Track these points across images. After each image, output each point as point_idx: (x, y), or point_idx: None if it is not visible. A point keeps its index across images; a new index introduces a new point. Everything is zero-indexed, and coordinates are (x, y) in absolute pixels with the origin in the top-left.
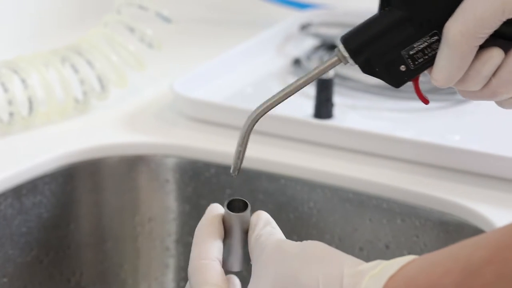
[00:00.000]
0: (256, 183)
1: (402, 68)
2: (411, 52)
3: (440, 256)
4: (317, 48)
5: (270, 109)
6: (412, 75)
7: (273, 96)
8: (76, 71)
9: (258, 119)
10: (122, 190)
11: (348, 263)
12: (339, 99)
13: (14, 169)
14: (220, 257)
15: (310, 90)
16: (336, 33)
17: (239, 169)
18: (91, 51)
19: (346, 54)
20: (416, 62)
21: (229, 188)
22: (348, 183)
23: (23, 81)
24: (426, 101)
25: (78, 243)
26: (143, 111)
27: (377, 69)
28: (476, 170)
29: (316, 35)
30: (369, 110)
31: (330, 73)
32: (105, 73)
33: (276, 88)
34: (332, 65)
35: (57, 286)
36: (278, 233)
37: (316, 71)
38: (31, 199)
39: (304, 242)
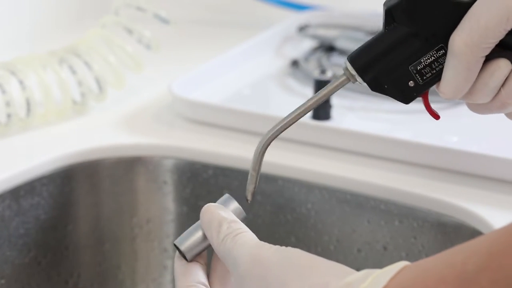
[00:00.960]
0: None
1: (411, 83)
2: (418, 67)
3: (434, 263)
4: (315, 50)
5: (280, 133)
6: (421, 90)
7: (283, 119)
8: (74, 72)
9: (269, 143)
10: (120, 191)
11: (334, 273)
12: (337, 101)
13: (12, 171)
14: (206, 280)
15: (308, 91)
16: (334, 35)
17: (253, 194)
18: (89, 52)
19: (354, 73)
20: (424, 77)
21: (227, 189)
22: (346, 184)
23: (21, 82)
24: (436, 117)
25: (76, 245)
26: (141, 112)
27: (385, 86)
28: (474, 171)
29: (314, 37)
30: (367, 112)
31: (328, 74)
32: (103, 75)
33: (274, 89)
34: (341, 85)
35: (55, 287)
36: (242, 229)
37: (325, 91)
38: (29, 200)
39: (282, 250)
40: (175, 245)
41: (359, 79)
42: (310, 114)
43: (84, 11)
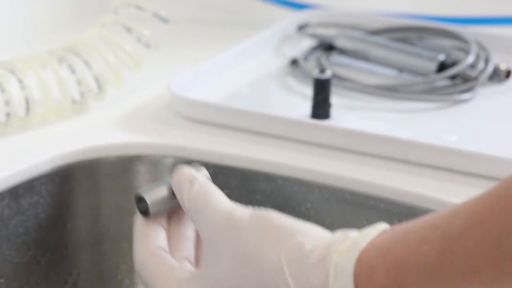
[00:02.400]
0: (254, 183)
1: None
2: None
3: (416, 225)
4: (314, 49)
5: None
6: None
7: None
8: (73, 71)
9: None
10: (119, 190)
11: (311, 234)
12: (336, 100)
13: (11, 170)
14: (166, 244)
15: (307, 90)
16: (334, 34)
17: None
18: (88, 51)
19: None
20: None
21: (226, 188)
22: (345, 183)
23: (20, 81)
24: None
25: (75, 244)
26: (140, 111)
27: None
28: (473, 170)
29: (313, 36)
30: (366, 111)
31: (328, 73)
32: (102, 74)
33: (273, 88)
34: None
35: (54, 286)
36: (214, 190)
37: None
38: (28, 199)
39: (258, 213)
40: (138, 196)
41: None
42: (309, 113)
43: (83, 11)
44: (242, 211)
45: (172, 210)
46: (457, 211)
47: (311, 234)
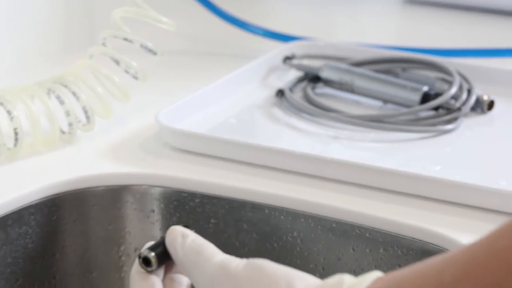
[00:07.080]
0: (241, 212)
1: None
2: None
3: (409, 275)
4: (300, 80)
5: None
6: None
7: None
8: (61, 102)
9: None
10: (107, 220)
11: (305, 281)
12: (322, 130)
13: (0, 200)
14: None
15: (293, 121)
16: (319, 65)
17: None
18: (77, 82)
19: None
20: None
21: (214, 218)
22: (331, 213)
23: (9, 112)
24: None
25: (63, 273)
26: (128, 142)
27: None
28: (456, 200)
29: (299, 67)
30: (351, 141)
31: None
32: (90, 105)
33: (259, 119)
34: None
35: None
36: (207, 244)
37: None
38: (16, 229)
39: (251, 262)
40: (144, 256)
41: None
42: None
43: (71, 42)
44: (237, 262)
45: (166, 266)
46: (449, 261)
47: (305, 281)
